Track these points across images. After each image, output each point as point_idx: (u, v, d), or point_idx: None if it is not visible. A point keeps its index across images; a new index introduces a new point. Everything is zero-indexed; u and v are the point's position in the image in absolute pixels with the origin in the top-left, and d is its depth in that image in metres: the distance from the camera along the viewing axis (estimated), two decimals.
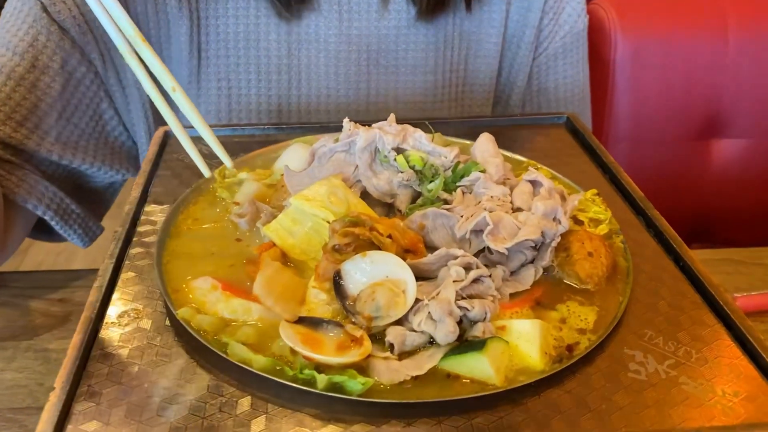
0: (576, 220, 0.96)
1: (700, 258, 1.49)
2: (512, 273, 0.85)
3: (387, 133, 0.94)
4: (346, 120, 0.97)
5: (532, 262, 0.86)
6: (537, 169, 1.09)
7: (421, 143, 0.96)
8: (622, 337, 0.80)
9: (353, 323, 0.77)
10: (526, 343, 0.75)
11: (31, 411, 1.07)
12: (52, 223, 1.29)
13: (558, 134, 1.25)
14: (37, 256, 3.71)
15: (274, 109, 1.39)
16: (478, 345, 0.73)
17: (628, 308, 0.84)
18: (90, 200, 1.43)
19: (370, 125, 0.98)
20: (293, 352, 0.75)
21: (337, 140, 0.97)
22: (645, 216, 1.01)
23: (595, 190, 1.02)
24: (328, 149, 0.95)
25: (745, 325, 0.80)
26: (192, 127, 1.00)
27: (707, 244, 2.18)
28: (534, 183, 0.94)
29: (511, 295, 0.83)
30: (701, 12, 2.00)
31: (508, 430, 0.69)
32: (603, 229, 0.95)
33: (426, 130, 0.99)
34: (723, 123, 2.05)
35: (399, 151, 0.95)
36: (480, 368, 0.72)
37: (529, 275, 0.84)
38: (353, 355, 0.73)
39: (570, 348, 0.77)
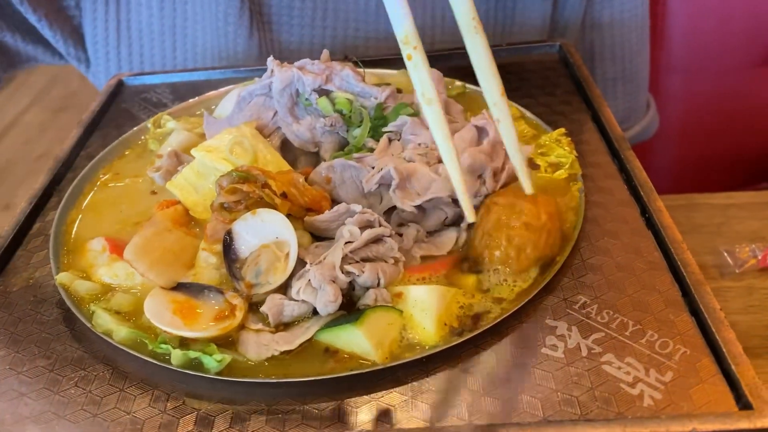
0: (532, 164, 0.83)
1: (737, 201, 1.33)
2: (431, 233, 0.74)
3: (308, 72, 0.83)
4: (270, 58, 0.87)
5: (455, 222, 0.74)
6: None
7: (348, 83, 0.84)
8: (547, 304, 0.68)
9: (235, 290, 0.69)
10: (420, 312, 0.65)
11: None
12: None
13: (549, 65, 1.10)
14: None
15: (294, 41, 1.25)
16: (353, 317, 0.63)
17: (567, 270, 0.71)
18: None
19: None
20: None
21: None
22: (619, 159, 0.86)
23: (562, 130, 0.88)
24: (248, 92, 0.86)
25: (700, 291, 0.66)
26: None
27: None
28: (480, 130, 0.81)
29: (428, 258, 0.72)
30: None
31: (383, 415, 0.59)
32: (561, 174, 0.82)
33: (356, 66, 0.87)
34: None
35: (323, 93, 0.84)
36: (356, 342, 0.63)
37: (449, 240, 0.73)
38: (216, 329, 0.65)
39: (477, 318, 0.66)
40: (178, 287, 0.70)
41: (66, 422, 0.62)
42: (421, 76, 0.64)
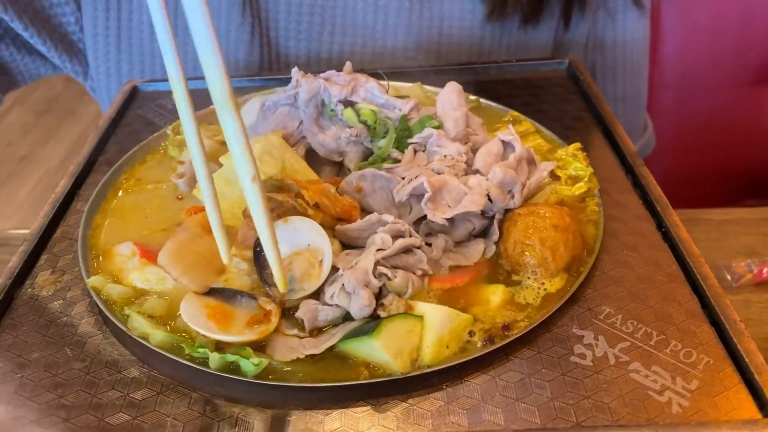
0: (553, 176, 0.86)
1: (734, 217, 1.37)
2: (458, 243, 0.76)
3: (334, 84, 0.85)
4: (294, 69, 0.89)
5: (482, 233, 0.76)
6: (520, 121, 0.99)
7: (373, 95, 0.86)
8: (573, 314, 0.70)
9: (268, 296, 0.70)
10: (426, 329, 0.66)
11: None
12: None
13: (558, 81, 1.13)
14: None
15: (302, 55, 1.29)
16: (368, 327, 0.65)
17: (590, 281, 0.73)
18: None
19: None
20: None
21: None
22: (633, 174, 0.88)
23: (578, 145, 0.91)
24: (272, 102, 0.87)
25: (720, 304, 0.68)
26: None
27: (765, 200, 1.99)
28: (506, 145, 0.83)
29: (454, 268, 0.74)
30: None
31: (417, 419, 0.61)
32: (581, 187, 0.84)
33: (380, 79, 0.89)
34: None
35: (349, 104, 0.86)
36: (375, 354, 0.64)
37: (477, 251, 0.75)
38: (253, 333, 0.66)
39: (506, 327, 0.68)
40: (211, 292, 0.71)
41: (106, 425, 0.62)
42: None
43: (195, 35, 0.55)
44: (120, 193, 0.90)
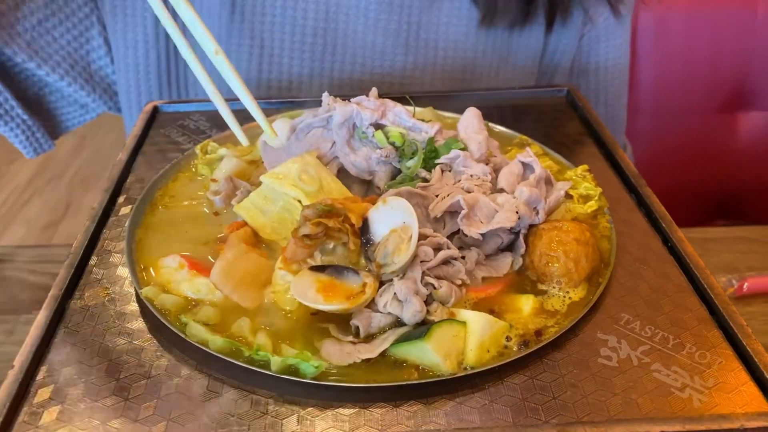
0: (567, 195, 0.93)
1: (712, 236, 1.47)
2: (488, 256, 0.82)
3: (365, 108, 0.91)
4: (325, 94, 0.95)
5: (509, 247, 0.83)
6: (529, 145, 1.06)
7: (401, 119, 0.93)
8: (596, 321, 0.77)
9: (368, 270, 0.77)
10: (469, 334, 0.72)
11: None
12: None
13: (558, 107, 1.21)
14: (67, 229, 3.77)
15: (305, 75, 1.35)
16: (419, 332, 0.71)
17: (608, 291, 0.80)
18: (45, 114, 1.39)
19: (349, 100, 0.95)
20: (252, 332, 0.74)
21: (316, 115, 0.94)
22: (636, 194, 0.96)
23: (585, 166, 0.98)
24: (306, 124, 0.93)
25: (728, 311, 0.76)
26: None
27: (733, 221, 2.10)
28: (526, 166, 0.90)
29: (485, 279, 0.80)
30: None
31: (466, 415, 0.67)
32: (592, 206, 0.92)
33: (406, 104, 0.96)
34: (750, 94, 1.96)
35: (378, 126, 0.92)
36: (426, 356, 0.70)
37: (505, 264, 0.81)
38: (348, 303, 0.73)
39: (539, 332, 0.74)
40: (323, 268, 0.77)
41: (174, 425, 0.67)
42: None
43: None
44: (157, 209, 0.94)
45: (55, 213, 3.94)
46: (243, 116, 0.97)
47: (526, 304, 0.77)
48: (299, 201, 0.84)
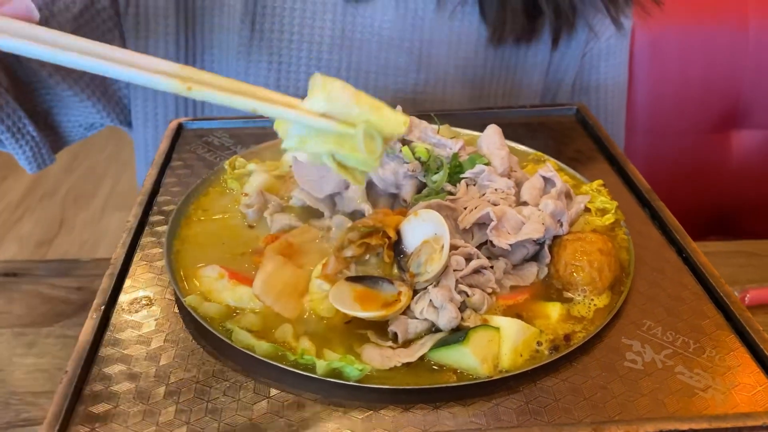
0: (585, 208, 0.97)
1: (711, 250, 1.51)
2: (515, 266, 0.86)
3: None
4: None
5: (534, 257, 0.87)
6: (544, 161, 1.10)
7: (426, 135, 0.97)
8: (620, 327, 0.81)
9: (402, 280, 0.80)
10: (503, 339, 0.76)
11: (50, 395, 1.11)
12: (2, 137, 1.28)
13: (568, 125, 1.26)
14: (61, 246, 3.78)
15: None
16: (457, 337, 0.75)
17: (629, 299, 0.85)
18: (53, 128, 1.40)
19: None
20: (295, 337, 0.77)
21: None
22: (650, 207, 1.01)
23: (600, 181, 1.03)
24: None
25: (744, 317, 0.80)
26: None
27: (727, 236, 2.16)
28: (547, 180, 0.94)
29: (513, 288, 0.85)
30: (721, 2, 1.97)
31: (503, 416, 0.70)
32: (609, 218, 0.96)
33: (432, 122, 1.00)
34: (742, 114, 2.03)
35: (405, 142, 0.96)
36: (464, 360, 0.74)
37: (531, 273, 0.85)
38: (384, 311, 0.77)
39: (567, 337, 0.78)
40: (359, 279, 0.81)
41: (226, 426, 0.70)
42: None
43: None
44: (192, 222, 0.97)
45: (48, 230, 3.95)
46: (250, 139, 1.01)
47: (554, 310, 0.81)
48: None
